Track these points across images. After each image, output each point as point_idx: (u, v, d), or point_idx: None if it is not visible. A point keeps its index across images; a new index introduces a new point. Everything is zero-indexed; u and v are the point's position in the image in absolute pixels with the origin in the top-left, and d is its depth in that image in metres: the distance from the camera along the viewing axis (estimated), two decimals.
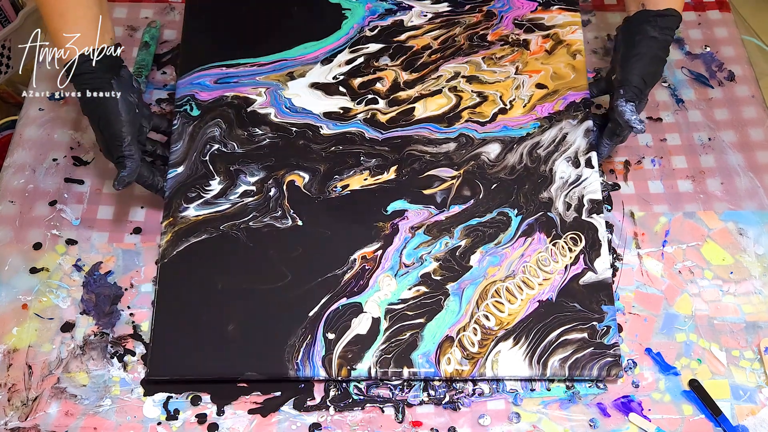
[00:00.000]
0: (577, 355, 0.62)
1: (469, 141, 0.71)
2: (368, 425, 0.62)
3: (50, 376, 0.64)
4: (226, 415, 0.62)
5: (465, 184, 0.69)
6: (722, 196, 0.74)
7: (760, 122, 0.79)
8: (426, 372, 0.61)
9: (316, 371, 0.61)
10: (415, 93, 0.74)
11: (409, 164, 0.70)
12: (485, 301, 0.64)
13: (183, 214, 0.68)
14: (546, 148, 0.71)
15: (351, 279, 0.65)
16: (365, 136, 0.71)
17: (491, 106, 0.73)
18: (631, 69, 0.66)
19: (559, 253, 0.66)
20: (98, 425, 0.61)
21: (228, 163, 0.70)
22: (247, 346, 0.62)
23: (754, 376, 0.65)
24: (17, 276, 0.68)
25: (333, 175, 0.70)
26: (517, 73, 0.75)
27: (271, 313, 0.64)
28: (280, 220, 0.68)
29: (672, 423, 0.62)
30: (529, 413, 0.63)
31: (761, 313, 0.67)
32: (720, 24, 0.87)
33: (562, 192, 0.69)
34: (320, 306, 0.64)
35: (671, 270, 0.70)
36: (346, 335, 0.63)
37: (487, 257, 0.66)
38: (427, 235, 0.67)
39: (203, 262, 0.66)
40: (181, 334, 0.63)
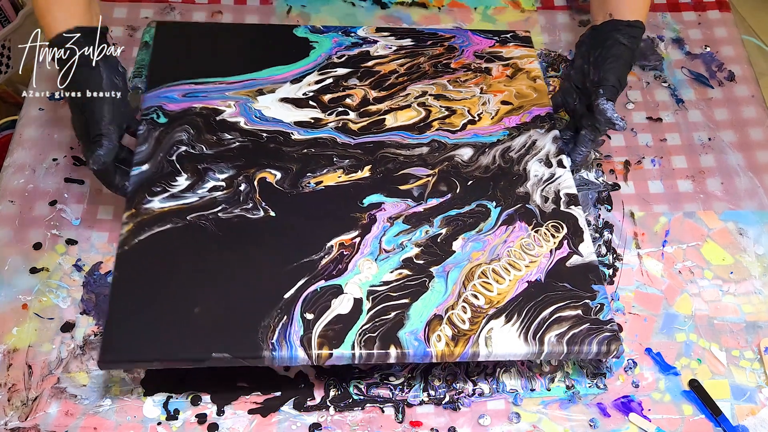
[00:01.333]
0: (573, 330, 0.60)
1: (442, 145, 0.71)
2: (368, 425, 0.62)
3: (50, 376, 0.64)
4: (226, 415, 0.62)
5: (441, 181, 0.69)
6: (722, 196, 0.74)
7: (760, 122, 0.79)
8: (415, 350, 0.59)
9: (295, 352, 0.58)
10: (384, 107, 0.74)
11: (384, 164, 0.69)
12: (472, 281, 0.63)
13: (147, 206, 0.65)
14: (518, 152, 0.71)
15: (329, 263, 0.63)
16: (337, 141, 0.71)
17: (460, 118, 0.73)
18: (608, 70, 0.68)
19: (542, 238, 0.66)
20: (98, 425, 0.61)
21: (196, 162, 0.68)
22: (215, 327, 0.59)
23: (754, 376, 0.65)
24: (17, 276, 0.68)
25: (306, 173, 0.68)
26: (482, 93, 0.76)
27: (243, 297, 0.61)
28: (252, 211, 0.65)
29: (672, 423, 0.62)
30: (529, 413, 0.63)
31: (761, 313, 0.68)
32: (720, 24, 0.87)
33: (538, 187, 0.69)
34: (297, 288, 0.61)
35: (671, 270, 0.70)
36: (326, 315, 0.60)
37: (470, 243, 0.65)
38: (406, 224, 0.66)
39: (167, 249, 0.63)
40: (141, 317, 0.59)
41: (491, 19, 0.88)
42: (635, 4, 0.71)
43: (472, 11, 0.88)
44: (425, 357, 0.59)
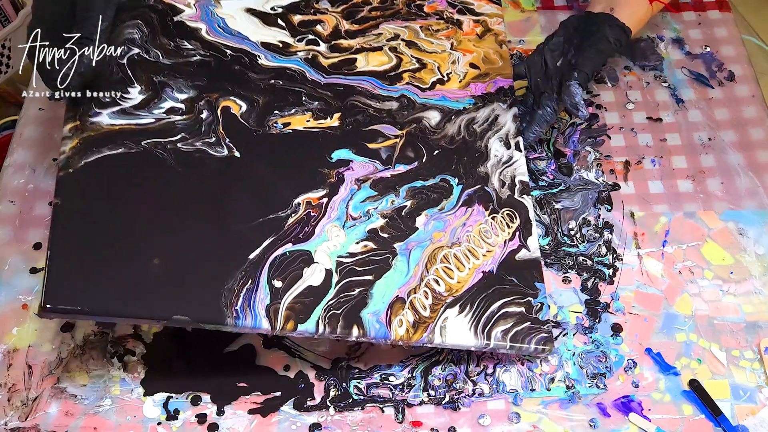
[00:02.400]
0: (516, 327, 0.62)
1: (411, 104, 0.70)
2: (368, 425, 0.62)
3: (50, 376, 0.64)
4: (226, 415, 0.62)
5: (408, 145, 0.68)
6: (722, 196, 0.74)
7: (760, 122, 0.79)
8: (376, 333, 0.59)
9: (259, 322, 0.56)
10: (356, 44, 0.72)
11: (353, 114, 0.67)
12: (434, 265, 0.63)
13: (94, 119, 0.57)
14: (481, 125, 0.71)
15: (295, 224, 0.60)
16: (306, 76, 0.67)
17: (430, 74, 0.73)
18: (589, 58, 0.69)
19: (498, 227, 0.66)
20: (98, 425, 0.61)
21: (151, 72, 0.61)
22: (175, 285, 0.54)
23: (754, 376, 0.65)
24: (17, 276, 0.68)
25: (273, 110, 0.64)
26: (452, 49, 0.75)
27: (205, 251, 0.56)
28: (214, 147, 0.61)
29: (672, 423, 0.62)
30: (529, 413, 0.63)
31: (761, 313, 0.68)
32: (720, 24, 0.87)
33: (497, 169, 0.69)
34: (263, 248, 0.58)
35: (671, 270, 0.70)
36: (297, 285, 0.58)
37: (432, 221, 0.65)
38: (373, 190, 0.64)
39: (119, 180, 0.56)
40: (90, 260, 0.53)
41: None
42: (636, 13, 0.71)
43: None
44: (385, 339, 0.59)
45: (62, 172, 0.55)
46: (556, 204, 0.73)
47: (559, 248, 0.71)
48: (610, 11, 0.70)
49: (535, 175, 0.75)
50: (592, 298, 0.68)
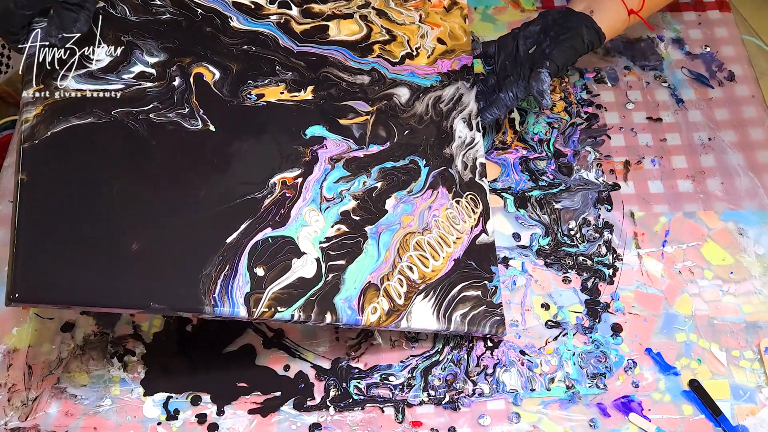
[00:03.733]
0: (473, 312, 0.64)
1: (381, 78, 0.70)
2: (368, 425, 0.62)
3: (50, 376, 0.64)
4: (226, 415, 0.62)
5: (379, 122, 0.68)
6: (722, 196, 0.74)
7: (760, 122, 0.79)
8: (348, 319, 0.58)
9: (236, 309, 0.54)
10: (327, 10, 0.71)
11: (326, 88, 0.67)
12: (407, 252, 0.63)
13: (60, 82, 0.54)
14: (447, 104, 0.72)
15: (271, 205, 0.59)
16: (279, 43, 0.66)
17: (400, 48, 0.73)
18: (562, 50, 0.69)
19: (465, 212, 0.67)
20: (98, 425, 0.61)
21: (118, 30, 0.58)
22: (151, 271, 0.52)
23: (754, 376, 0.65)
24: None
25: (247, 80, 0.63)
26: (420, 21, 0.76)
27: (181, 235, 0.54)
28: (188, 120, 0.58)
29: (672, 423, 0.62)
30: (529, 413, 0.63)
31: (761, 313, 0.67)
32: (720, 24, 0.87)
33: (461, 151, 0.70)
34: (240, 232, 0.57)
35: (671, 270, 0.70)
36: (286, 276, 0.57)
37: (401, 204, 0.65)
38: (346, 170, 0.64)
39: (89, 153, 0.53)
40: (60, 244, 0.50)
41: (491, 19, 0.88)
42: (614, 21, 0.72)
43: (472, 11, 0.88)
44: (356, 325, 0.59)
45: (27, 143, 0.51)
46: (556, 204, 0.73)
47: (559, 248, 0.71)
48: (590, 13, 0.71)
49: (535, 175, 0.75)
50: (592, 298, 0.68)
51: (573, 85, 0.82)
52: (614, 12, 0.71)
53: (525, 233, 0.72)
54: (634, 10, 0.72)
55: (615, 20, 0.71)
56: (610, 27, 0.71)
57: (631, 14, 0.72)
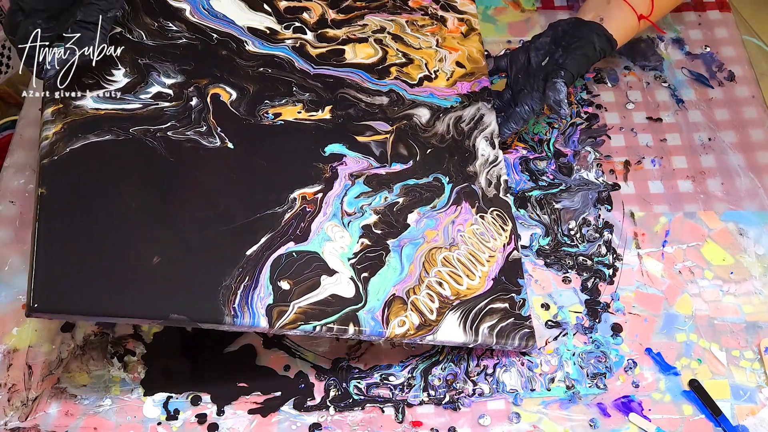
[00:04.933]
0: (501, 324, 0.63)
1: (400, 99, 0.70)
2: (368, 425, 0.62)
3: (50, 376, 0.64)
4: (226, 415, 0.62)
5: (399, 141, 0.67)
6: (722, 197, 0.74)
7: (761, 122, 0.79)
8: (371, 330, 0.58)
9: (257, 320, 0.54)
10: (342, 34, 0.72)
11: (344, 108, 0.67)
12: (435, 267, 0.63)
13: (79, 102, 0.55)
14: (468, 124, 0.72)
15: (291, 219, 0.59)
16: (295, 65, 0.67)
17: (417, 70, 0.73)
18: (576, 58, 0.69)
19: (494, 229, 0.67)
20: (98, 425, 0.61)
21: (135, 53, 0.59)
22: (171, 282, 0.53)
23: (754, 376, 0.65)
24: (17, 276, 0.68)
25: (264, 99, 0.63)
26: (438, 46, 0.76)
27: (201, 247, 0.55)
28: (206, 137, 0.59)
29: (672, 423, 0.62)
30: (529, 413, 0.63)
31: (761, 313, 0.67)
32: (720, 24, 0.87)
33: (485, 169, 0.70)
34: (260, 245, 0.57)
35: (671, 270, 0.70)
36: (317, 292, 0.57)
37: (425, 219, 0.65)
38: (366, 186, 0.64)
39: (108, 169, 0.53)
40: (80, 256, 0.50)
41: (491, 19, 0.88)
42: (624, 27, 0.72)
43: None
44: (379, 337, 0.59)
45: (46, 159, 0.52)
46: (556, 204, 0.73)
47: (559, 248, 0.71)
48: (600, 21, 0.71)
49: (535, 175, 0.75)
50: (592, 298, 0.68)
51: (573, 85, 0.82)
52: (624, 19, 0.72)
53: (525, 233, 0.72)
54: (644, 15, 0.72)
55: (625, 26, 0.72)
56: (621, 33, 0.71)
57: (641, 19, 0.72)
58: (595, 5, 0.73)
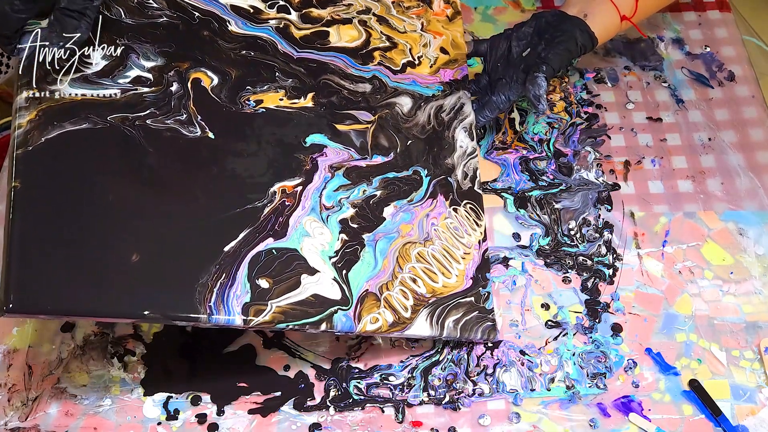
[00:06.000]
0: (466, 317, 0.63)
1: (383, 87, 0.70)
2: (368, 425, 0.62)
3: (50, 376, 0.64)
4: (226, 415, 0.62)
5: (380, 132, 0.67)
6: (722, 196, 0.74)
7: (761, 122, 0.79)
8: (342, 326, 0.57)
9: (232, 318, 0.54)
10: (327, 15, 0.70)
11: (327, 96, 0.66)
12: (409, 263, 0.63)
13: (54, 87, 0.53)
14: (448, 114, 0.71)
15: (270, 214, 0.58)
16: (278, 48, 0.66)
17: (401, 56, 0.72)
18: (558, 53, 0.68)
19: (467, 224, 0.67)
20: (98, 425, 0.61)
21: (114, 33, 0.57)
22: (147, 281, 0.51)
23: (754, 376, 0.65)
24: None
25: (245, 85, 0.62)
26: (423, 30, 0.75)
27: (178, 243, 0.54)
28: (187, 126, 0.57)
29: (672, 423, 0.62)
30: (529, 413, 0.63)
31: (761, 313, 0.67)
32: (720, 24, 0.87)
33: (462, 161, 0.70)
34: (238, 241, 0.56)
35: (671, 270, 0.70)
36: (297, 291, 0.57)
37: (400, 213, 0.64)
38: (346, 178, 0.63)
39: (84, 160, 0.52)
40: (55, 253, 0.49)
41: (491, 19, 0.88)
42: (607, 26, 0.71)
43: (472, 11, 0.88)
44: (350, 332, 0.59)
45: (20, 149, 0.50)
46: (556, 204, 0.73)
47: (559, 248, 0.71)
48: (584, 17, 0.70)
49: (535, 175, 0.75)
50: (592, 298, 0.68)
51: (573, 85, 0.82)
52: (607, 17, 0.71)
53: (525, 233, 0.72)
54: (627, 17, 0.72)
55: (607, 25, 0.71)
56: (603, 32, 0.71)
57: (623, 20, 0.72)
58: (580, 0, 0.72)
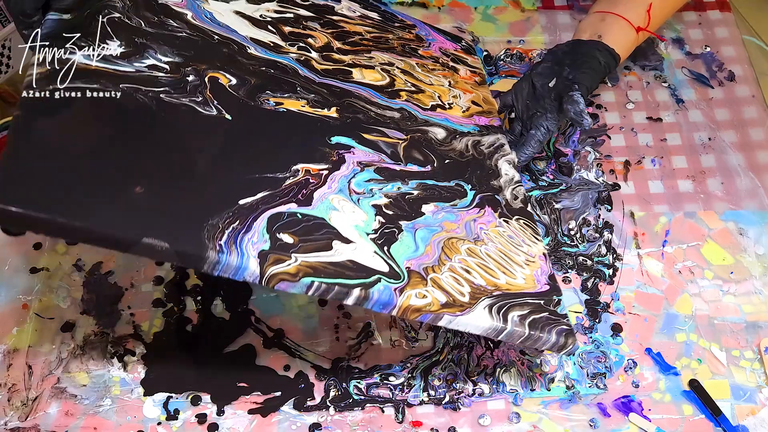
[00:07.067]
0: (534, 315, 0.57)
1: (413, 117, 0.66)
2: (368, 425, 0.62)
3: (50, 376, 0.64)
4: (226, 415, 0.62)
5: (413, 148, 0.63)
6: (722, 196, 0.74)
7: (761, 122, 0.79)
8: (380, 295, 0.50)
9: (246, 261, 0.47)
10: (349, 59, 0.67)
11: (353, 112, 0.62)
12: (459, 254, 0.57)
13: (69, 56, 0.51)
14: (488, 148, 0.69)
15: (293, 185, 0.53)
16: (299, 73, 0.62)
17: (429, 99, 0.70)
18: (585, 73, 0.69)
19: (523, 235, 0.63)
20: (98, 425, 0.62)
21: (132, 34, 0.55)
22: (150, 210, 0.46)
23: (754, 376, 0.65)
24: (17, 276, 0.68)
25: (265, 89, 0.58)
26: (451, 86, 0.73)
27: (188, 186, 0.49)
28: (203, 106, 0.54)
29: (672, 423, 0.62)
30: (529, 413, 0.63)
31: (761, 313, 0.68)
32: (720, 24, 0.87)
33: (509, 186, 0.67)
34: (257, 198, 0.50)
35: (671, 270, 0.70)
36: (331, 253, 0.50)
37: (443, 212, 0.59)
38: (378, 174, 0.58)
39: (95, 111, 0.49)
40: (56, 160, 0.45)
41: (492, 19, 0.88)
42: (623, 41, 0.72)
43: (472, 11, 0.88)
44: (385, 307, 0.51)
45: (26, 91, 0.48)
46: (556, 204, 0.73)
47: (559, 248, 0.71)
48: (598, 38, 0.71)
49: (535, 175, 0.75)
50: (592, 298, 0.68)
51: None
52: (621, 33, 0.71)
53: None
54: (642, 27, 0.72)
55: (624, 40, 0.72)
56: (621, 47, 0.71)
57: (639, 31, 0.72)
58: (590, 24, 0.73)
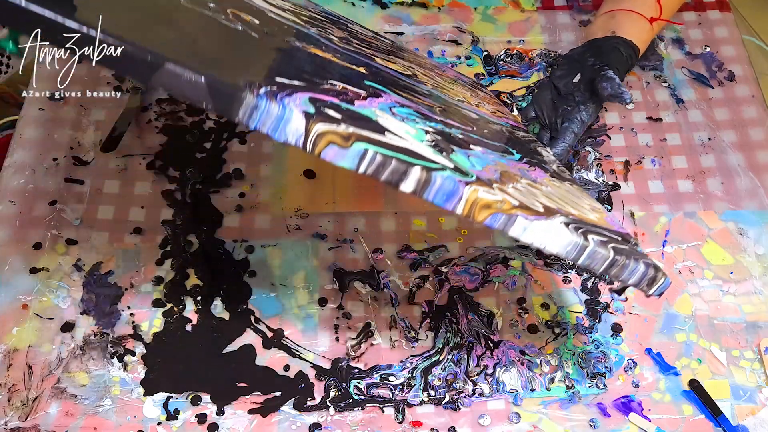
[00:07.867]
0: (614, 243, 0.49)
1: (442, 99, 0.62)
2: (368, 425, 0.62)
3: (50, 376, 0.64)
4: (226, 415, 0.62)
5: (450, 113, 0.58)
6: (722, 196, 0.74)
7: (761, 122, 0.79)
8: (443, 183, 0.42)
9: (289, 114, 0.40)
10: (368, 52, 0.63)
11: (382, 77, 0.57)
12: (518, 182, 0.50)
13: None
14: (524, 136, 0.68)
15: (331, 90, 0.46)
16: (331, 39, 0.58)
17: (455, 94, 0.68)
18: (613, 58, 0.69)
19: (582, 195, 0.58)
20: (98, 425, 0.61)
21: None
22: (180, 41, 0.41)
23: (754, 376, 0.65)
24: (17, 276, 0.68)
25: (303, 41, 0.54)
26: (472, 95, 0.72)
27: (220, 47, 0.44)
28: None
29: (672, 423, 0.62)
30: (529, 413, 0.63)
31: (761, 313, 0.67)
32: (720, 24, 0.87)
33: (554, 163, 0.66)
34: (295, 85, 0.44)
35: (671, 270, 0.70)
36: (383, 137, 0.43)
37: (491, 155, 0.53)
38: (418, 114, 0.52)
39: None
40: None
41: (491, 19, 0.88)
42: (638, 34, 0.72)
43: (472, 11, 0.88)
44: (450, 198, 0.43)
45: None
46: None
47: None
48: (612, 34, 0.71)
49: None
50: (592, 298, 0.68)
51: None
52: (634, 26, 0.72)
53: None
54: (655, 17, 0.72)
55: (639, 32, 0.72)
56: (638, 38, 0.71)
57: (653, 22, 0.72)
58: (601, 24, 0.73)
